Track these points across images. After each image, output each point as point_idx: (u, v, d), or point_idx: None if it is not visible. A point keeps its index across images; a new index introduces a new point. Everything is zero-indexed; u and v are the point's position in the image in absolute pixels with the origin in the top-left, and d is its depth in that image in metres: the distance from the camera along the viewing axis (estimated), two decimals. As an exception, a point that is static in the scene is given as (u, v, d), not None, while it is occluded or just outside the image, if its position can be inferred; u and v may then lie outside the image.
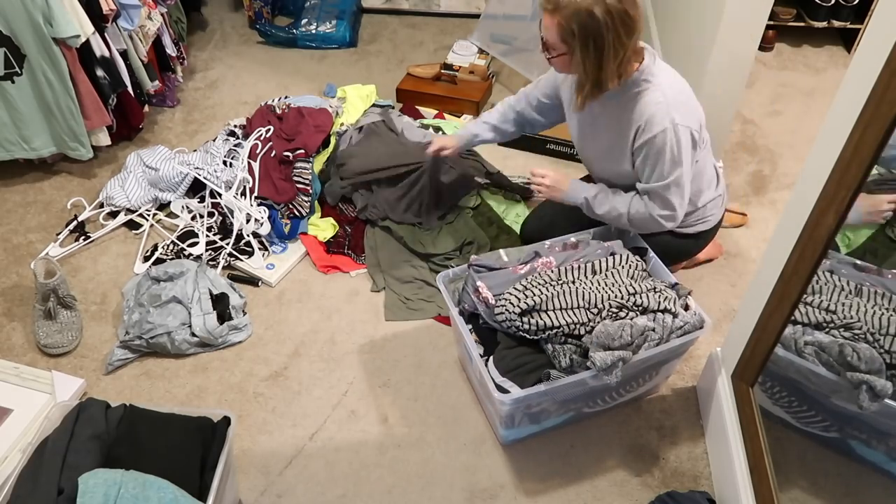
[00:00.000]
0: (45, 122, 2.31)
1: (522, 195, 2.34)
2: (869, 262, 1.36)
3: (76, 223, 2.24)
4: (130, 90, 2.45)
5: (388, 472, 1.64)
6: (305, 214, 2.23)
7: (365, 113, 2.58)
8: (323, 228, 2.24)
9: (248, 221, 2.17)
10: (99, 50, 2.29)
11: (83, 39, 2.18)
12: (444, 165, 2.22)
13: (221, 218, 2.23)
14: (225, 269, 2.13)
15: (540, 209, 2.11)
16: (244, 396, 1.80)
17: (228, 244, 2.15)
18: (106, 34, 2.30)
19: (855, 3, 2.99)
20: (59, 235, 2.22)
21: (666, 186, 1.66)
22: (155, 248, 2.18)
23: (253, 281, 2.10)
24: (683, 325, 1.57)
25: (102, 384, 1.83)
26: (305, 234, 2.22)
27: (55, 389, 1.75)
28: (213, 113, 2.80)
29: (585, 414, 1.71)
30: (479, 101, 2.65)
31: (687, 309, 1.62)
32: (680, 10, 2.50)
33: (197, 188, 2.31)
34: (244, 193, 2.23)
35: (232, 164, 2.31)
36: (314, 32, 3.19)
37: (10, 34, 2.11)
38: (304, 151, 2.28)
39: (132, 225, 2.28)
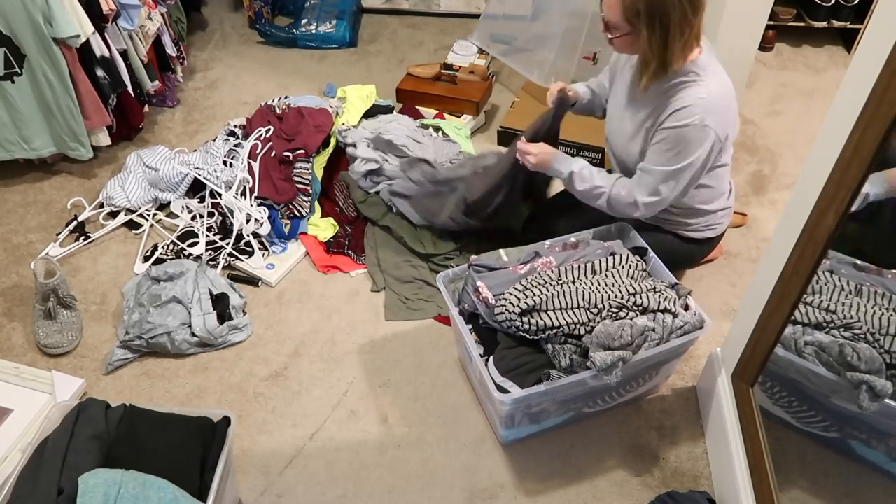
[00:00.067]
0: (45, 122, 2.31)
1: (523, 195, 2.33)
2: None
3: (76, 223, 2.24)
4: (130, 90, 2.45)
5: (388, 472, 1.64)
6: (305, 214, 2.23)
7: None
8: (323, 228, 2.24)
9: (248, 221, 2.17)
10: (99, 50, 2.29)
11: (83, 39, 2.18)
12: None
13: (221, 218, 2.23)
14: (225, 269, 2.13)
15: (542, 207, 2.10)
16: (244, 396, 1.80)
17: (228, 244, 2.15)
18: (106, 34, 2.31)
19: (855, 3, 2.99)
20: (59, 235, 2.22)
21: (665, 174, 1.65)
22: (155, 248, 2.18)
23: (253, 281, 2.10)
24: (683, 325, 1.57)
25: (102, 384, 1.83)
26: (305, 234, 2.22)
27: (55, 389, 1.75)
28: (213, 113, 2.80)
29: (585, 414, 1.71)
30: (479, 101, 2.65)
31: (687, 309, 1.62)
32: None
33: (197, 188, 2.31)
34: (244, 193, 2.23)
35: (232, 164, 2.31)
36: (314, 32, 3.19)
37: (10, 34, 2.11)
38: (304, 151, 2.27)
39: (132, 225, 2.28)
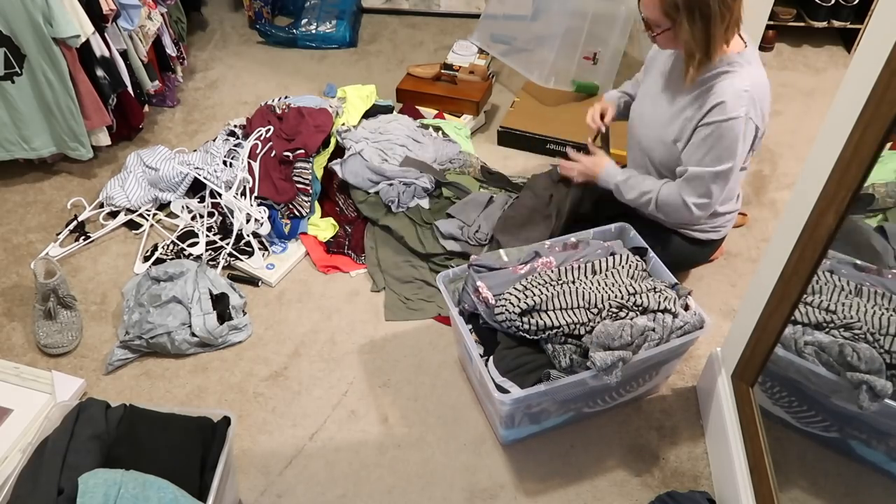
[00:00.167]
0: (45, 122, 2.31)
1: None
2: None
3: (76, 223, 2.24)
4: (130, 90, 2.46)
5: (388, 472, 1.64)
6: (305, 214, 2.23)
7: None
8: (323, 228, 2.24)
9: (248, 221, 2.17)
10: (99, 50, 2.29)
11: (83, 39, 2.18)
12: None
13: (221, 218, 2.23)
14: (225, 269, 2.13)
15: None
16: (244, 396, 1.80)
17: (228, 244, 2.15)
18: (106, 34, 2.31)
19: (855, 3, 2.99)
20: (59, 235, 2.22)
21: (714, 175, 1.65)
22: (155, 248, 2.18)
23: (253, 281, 2.10)
24: (683, 325, 1.57)
25: (102, 384, 1.83)
26: (305, 234, 2.22)
27: (55, 389, 1.75)
28: (213, 113, 2.80)
29: (585, 414, 1.71)
30: (479, 101, 2.65)
31: (687, 309, 1.62)
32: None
33: (197, 188, 2.31)
34: (244, 193, 2.23)
35: (232, 164, 2.31)
36: (314, 32, 3.19)
37: (10, 34, 2.11)
38: (304, 151, 2.27)
39: (132, 225, 2.28)
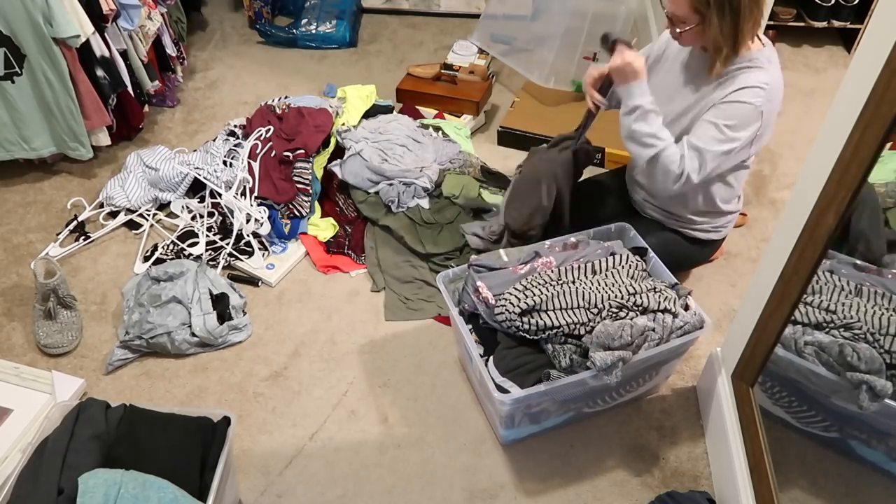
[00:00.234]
0: (45, 122, 2.31)
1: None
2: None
3: (76, 223, 2.24)
4: (130, 90, 2.46)
5: (388, 472, 1.64)
6: (305, 214, 2.23)
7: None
8: (323, 228, 2.24)
9: (248, 221, 2.17)
10: (99, 50, 2.29)
11: (83, 39, 2.18)
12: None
13: (221, 218, 2.23)
14: (225, 269, 2.13)
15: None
16: (244, 396, 1.80)
17: (228, 244, 2.15)
18: (106, 34, 2.31)
19: (855, 3, 2.99)
20: (59, 235, 2.22)
21: (716, 154, 1.63)
22: (155, 248, 2.18)
23: (253, 281, 2.10)
24: (683, 325, 1.57)
25: (102, 384, 1.83)
26: (305, 234, 2.22)
27: (55, 389, 1.75)
28: (213, 113, 2.80)
29: (585, 414, 1.71)
30: (479, 101, 2.65)
31: (687, 309, 1.62)
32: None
33: (197, 188, 2.31)
34: (244, 193, 2.23)
35: (232, 164, 2.31)
36: (314, 32, 3.19)
37: (10, 34, 2.11)
38: (304, 151, 2.27)
39: (132, 225, 2.28)
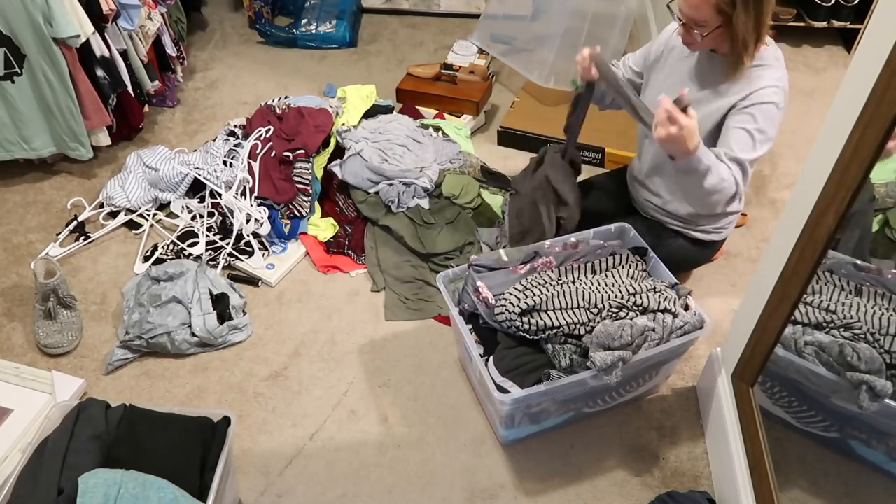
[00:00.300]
0: (45, 122, 2.31)
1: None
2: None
3: (76, 223, 2.24)
4: (130, 90, 2.45)
5: (388, 472, 1.64)
6: (305, 214, 2.23)
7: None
8: (323, 228, 2.24)
9: (248, 221, 2.17)
10: (99, 50, 2.29)
11: (83, 39, 2.18)
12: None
13: (221, 218, 2.23)
14: (225, 269, 2.13)
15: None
16: (244, 396, 1.80)
17: (228, 244, 2.15)
18: (106, 34, 2.31)
19: (855, 3, 2.99)
20: (59, 235, 2.22)
21: (753, 160, 1.61)
22: (155, 248, 2.18)
23: (253, 281, 2.10)
24: (683, 325, 1.57)
25: (102, 384, 1.83)
26: (305, 234, 2.22)
27: (55, 389, 1.75)
28: (213, 113, 2.80)
29: (585, 414, 1.71)
30: (478, 101, 2.65)
31: (687, 309, 1.62)
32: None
33: (197, 188, 2.31)
34: (244, 193, 2.23)
35: (232, 164, 2.31)
36: (314, 32, 3.19)
37: (10, 34, 2.11)
38: (304, 151, 2.27)
39: (132, 225, 2.28)
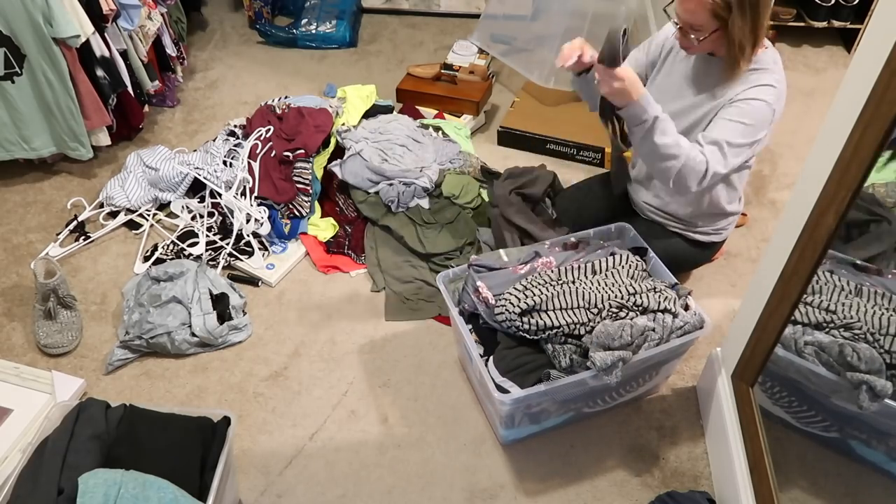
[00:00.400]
0: (45, 122, 2.31)
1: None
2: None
3: (76, 223, 2.24)
4: (130, 90, 2.45)
5: (388, 472, 1.64)
6: (305, 214, 2.23)
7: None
8: (323, 228, 2.24)
9: (248, 221, 2.17)
10: (99, 50, 2.29)
11: (83, 39, 2.18)
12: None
13: (221, 218, 2.23)
14: (225, 269, 2.13)
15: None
16: (244, 396, 1.80)
17: (228, 244, 2.15)
18: (106, 34, 2.31)
19: (855, 3, 2.99)
20: (59, 235, 2.22)
21: (740, 147, 1.60)
22: (155, 248, 2.18)
23: (253, 281, 2.10)
24: (683, 325, 1.57)
25: (102, 384, 1.83)
26: (305, 234, 2.22)
27: (55, 389, 1.75)
28: (213, 113, 2.80)
29: (585, 414, 1.71)
30: (479, 101, 2.65)
31: (687, 309, 1.62)
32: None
33: (197, 188, 2.31)
34: (244, 193, 2.23)
35: (232, 164, 2.31)
36: (314, 32, 3.19)
37: (10, 34, 2.11)
38: (304, 151, 2.27)
39: (132, 225, 2.28)
